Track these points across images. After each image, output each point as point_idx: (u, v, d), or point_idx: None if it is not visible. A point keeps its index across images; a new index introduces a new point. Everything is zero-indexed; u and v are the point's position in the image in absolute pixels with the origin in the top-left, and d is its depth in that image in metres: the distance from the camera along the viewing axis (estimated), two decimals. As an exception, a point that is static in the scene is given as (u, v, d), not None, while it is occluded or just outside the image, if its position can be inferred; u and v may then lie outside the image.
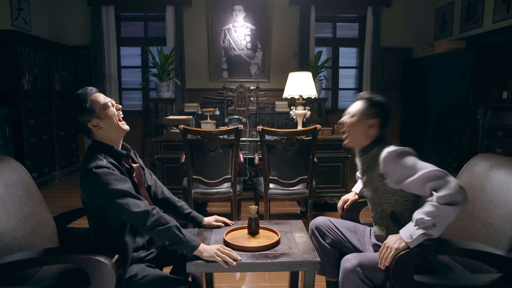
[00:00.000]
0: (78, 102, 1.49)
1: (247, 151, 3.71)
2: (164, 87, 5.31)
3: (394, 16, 5.81)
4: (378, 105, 1.64)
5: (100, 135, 1.53)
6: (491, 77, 4.16)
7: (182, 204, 1.84)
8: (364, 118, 1.63)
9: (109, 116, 1.51)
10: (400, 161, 1.49)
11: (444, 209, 1.35)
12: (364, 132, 1.64)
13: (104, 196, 1.41)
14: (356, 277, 1.51)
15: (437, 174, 1.40)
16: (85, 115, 1.49)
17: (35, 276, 1.59)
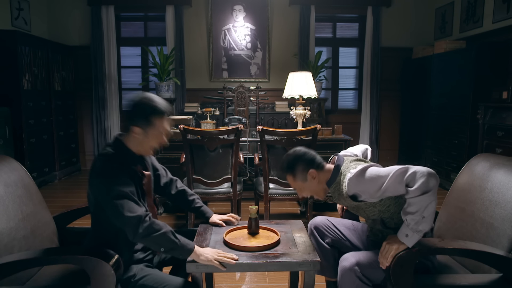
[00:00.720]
0: (149, 107, 1.46)
1: (247, 151, 3.71)
2: (164, 87, 5.30)
3: (394, 16, 5.80)
4: (295, 165, 1.63)
5: (131, 139, 1.52)
6: (491, 77, 4.16)
7: (195, 197, 1.87)
8: (303, 181, 1.64)
9: (152, 140, 1.51)
10: (364, 178, 1.49)
11: (422, 199, 1.38)
12: (317, 184, 1.64)
13: (103, 195, 1.41)
14: (354, 276, 1.52)
15: (401, 171, 1.42)
16: (141, 119, 1.46)
17: (35, 276, 1.59)
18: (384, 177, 1.44)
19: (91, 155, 5.91)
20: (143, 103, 1.47)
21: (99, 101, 5.62)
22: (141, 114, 1.46)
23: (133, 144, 1.53)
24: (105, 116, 5.66)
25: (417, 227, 1.39)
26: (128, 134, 1.52)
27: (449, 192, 1.90)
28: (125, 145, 1.52)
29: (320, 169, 1.64)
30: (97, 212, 1.52)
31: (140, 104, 1.47)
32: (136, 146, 1.53)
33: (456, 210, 1.78)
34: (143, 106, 1.46)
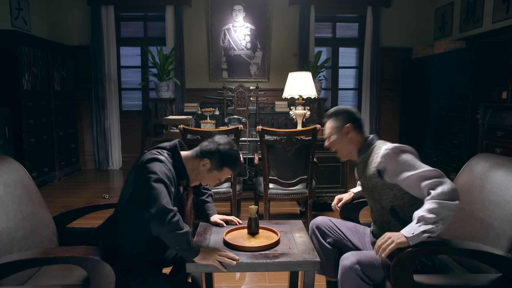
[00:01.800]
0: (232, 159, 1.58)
1: (247, 151, 3.71)
2: (164, 87, 5.30)
3: (394, 16, 5.81)
4: (340, 113, 1.74)
5: (192, 162, 1.58)
6: (491, 77, 4.16)
7: (209, 192, 1.93)
8: (337, 131, 1.72)
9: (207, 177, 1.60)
10: (399, 157, 1.53)
11: (445, 205, 1.37)
12: (346, 141, 1.72)
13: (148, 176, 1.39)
14: (355, 275, 1.52)
15: (434, 174, 1.45)
16: (217, 160, 1.56)
17: (34, 276, 1.59)
18: (416, 168, 1.48)
19: (90, 155, 5.91)
20: (231, 152, 1.58)
21: (98, 101, 5.62)
22: (221, 157, 1.56)
23: (190, 165, 1.59)
24: (104, 116, 5.66)
25: (427, 228, 1.36)
26: (193, 157, 1.59)
27: (449, 192, 1.89)
28: (181, 159, 1.57)
29: (358, 130, 1.72)
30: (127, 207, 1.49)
31: (226, 150, 1.57)
32: (191, 170, 1.59)
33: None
34: (229, 154, 1.58)
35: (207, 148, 1.57)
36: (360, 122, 1.73)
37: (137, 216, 1.46)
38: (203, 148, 1.58)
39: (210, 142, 1.59)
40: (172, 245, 1.43)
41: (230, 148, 1.59)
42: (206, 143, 1.60)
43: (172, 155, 1.55)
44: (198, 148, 1.60)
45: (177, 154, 1.57)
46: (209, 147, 1.57)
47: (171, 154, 1.55)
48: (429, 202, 1.40)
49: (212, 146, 1.57)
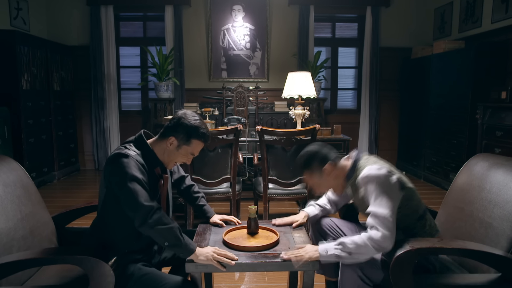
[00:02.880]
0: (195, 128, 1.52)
1: (246, 151, 3.71)
2: (163, 87, 5.30)
3: (393, 16, 5.81)
4: (311, 161, 1.64)
5: (160, 145, 1.56)
6: (490, 77, 4.16)
7: (200, 195, 1.90)
8: (319, 178, 1.65)
9: (179, 155, 1.56)
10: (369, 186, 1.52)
11: (368, 247, 1.42)
12: (333, 179, 1.66)
13: (120, 178, 1.40)
14: (356, 276, 1.52)
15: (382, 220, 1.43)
16: (182, 134, 1.52)
17: (33, 276, 1.58)
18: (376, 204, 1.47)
19: (90, 155, 5.90)
20: (192, 122, 1.53)
21: (98, 101, 5.62)
22: (185, 129, 1.52)
23: (159, 149, 1.56)
24: (104, 116, 5.66)
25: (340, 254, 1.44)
26: (159, 140, 1.57)
27: (448, 192, 1.90)
28: (149, 146, 1.55)
29: (335, 164, 1.65)
30: (105, 206, 1.51)
31: (188, 122, 1.53)
32: (162, 154, 1.57)
33: (455, 210, 1.78)
34: (190, 124, 1.52)
35: (170, 125, 1.54)
36: (330, 155, 1.65)
37: (118, 213, 1.47)
38: (166, 126, 1.56)
39: (171, 119, 1.56)
40: (160, 243, 1.45)
41: (193, 118, 1.54)
42: (168, 122, 1.57)
43: (140, 146, 1.54)
44: (162, 129, 1.58)
45: (143, 143, 1.55)
46: (171, 124, 1.54)
47: (138, 145, 1.54)
48: (360, 236, 1.44)
49: (174, 121, 1.54)
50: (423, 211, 1.61)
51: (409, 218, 1.57)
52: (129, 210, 1.42)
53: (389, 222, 1.43)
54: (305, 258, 1.45)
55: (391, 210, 1.45)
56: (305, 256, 1.45)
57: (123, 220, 1.48)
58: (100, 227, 1.55)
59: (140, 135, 1.58)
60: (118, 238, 1.52)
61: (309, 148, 1.69)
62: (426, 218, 1.62)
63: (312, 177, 1.67)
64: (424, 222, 1.61)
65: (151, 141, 1.59)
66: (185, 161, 1.61)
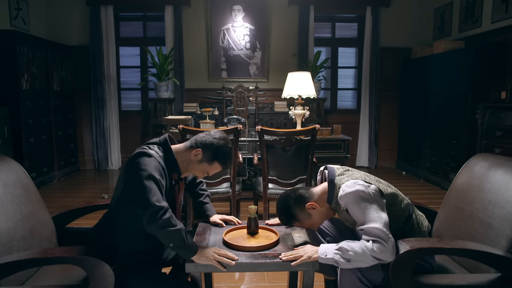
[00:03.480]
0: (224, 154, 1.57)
1: (246, 151, 3.71)
2: (163, 87, 5.30)
3: (393, 16, 5.81)
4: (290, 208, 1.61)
5: (183, 153, 1.57)
6: (490, 77, 4.16)
7: (206, 193, 1.92)
8: (307, 219, 1.62)
9: (198, 169, 1.59)
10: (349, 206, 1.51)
11: (368, 257, 1.40)
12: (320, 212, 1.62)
13: (138, 174, 1.40)
14: (355, 277, 1.52)
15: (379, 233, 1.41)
16: (210, 153, 1.55)
17: (33, 276, 1.58)
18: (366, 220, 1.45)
19: (90, 155, 5.90)
20: (224, 148, 1.57)
21: (98, 101, 5.62)
22: (214, 151, 1.55)
23: (181, 157, 1.58)
24: (104, 116, 5.66)
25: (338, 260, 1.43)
26: (184, 148, 1.58)
27: (448, 192, 1.90)
28: (172, 152, 1.56)
29: (313, 196, 1.62)
30: (119, 203, 1.50)
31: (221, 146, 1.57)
32: (182, 162, 1.58)
33: (455, 210, 1.78)
34: (222, 149, 1.56)
35: (202, 139, 1.57)
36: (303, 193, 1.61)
37: (130, 213, 1.46)
38: (198, 139, 1.58)
39: (206, 135, 1.59)
40: (166, 243, 1.44)
41: (225, 144, 1.58)
42: (203, 135, 1.60)
43: (163, 149, 1.56)
44: (193, 139, 1.60)
45: (167, 147, 1.56)
46: (204, 139, 1.57)
47: (162, 148, 1.56)
48: (360, 244, 1.42)
49: (207, 138, 1.57)
50: (408, 213, 1.60)
51: (395, 224, 1.56)
52: (140, 207, 1.40)
53: (385, 234, 1.41)
54: (304, 258, 1.45)
55: (382, 221, 1.43)
56: (304, 256, 1.45)
57: (134, 220, 1.46)
58: (108, 225, 1.55)
59: (165, 139, 1.59)
60: (126, 238, 1.51)
61: (281, 204, 1.64)
62: (412, 219, 1.60)
63: (304, 222, 1.63)
64: (411, 223, 1.60)
65: (174, 147, 1.59)
66: (199, 176, 1.64)
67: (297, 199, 1.61)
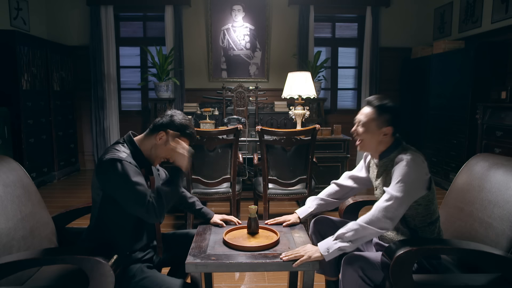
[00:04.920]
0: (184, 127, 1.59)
1: (246, 151, 3.71)
2: (163, 87, 5.30)
3: (393, 16, 5.81)
4: (389, 112, 1.61)
5: (147, 141, 1.59)
6: (490, 77, 4.16)
7: (194, 200, 1.91)
8: (376, 127, 1.61)
9: (166, 150, 1.58)
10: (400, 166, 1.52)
11: (366, 228, 1.44)
12: (378, 141, 1.63)
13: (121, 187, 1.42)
14: (357, 276, 1.52)
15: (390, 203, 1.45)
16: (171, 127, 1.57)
17: (33, 276, 1.58)
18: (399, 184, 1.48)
19: (90, 155, 5.90)
20: (182, 121, 1.60)
21: (98, 101, 5.62)
22: (174, 126, 1.58)
23: (147, 146, 1.59)
24: (104, 116, 5.66)
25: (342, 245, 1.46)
26: (147, 136, 1.60)
27: (448, 192, 1.90)
28: (138, 147, 1.58)
29: (394, 132, 1.63)
30: (103, 209, 1.51)
31: (178, 120, 1.59)
32: (148, 150, 1.59)
33: (455, 210, 1.78)
34: (180, 122, 1.59)
35: (160, 121, 1.59)
36: (400, 128, 1.63)
37: (116, 214, 1.50)
38: (156, 122, 1.60)
39: (160, 117, 1.61)
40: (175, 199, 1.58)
41: (183, 117, 1.62)
42: (158, 119, 1.62)
43: (129, 145, 1.57)
44: (151, 125, 1.62)
45: (132, 143, 1.58)
46: (161, 121, 1.59)
47: (127, 145, 1.57)
48: (355, 222, 1.47)
49: (164, 119, 1.60)
50: (436, 218, 1.61)
51: (421, 220, 1.57)
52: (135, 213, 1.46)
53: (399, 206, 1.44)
54: (304, 258, 1.45)
55: (402, 203, 1.46)
56: (305, 256, 1.45)
57: (122, 220, 1.49)
58: (98, 229, 1.55)
59: (129, 135, 1.61)
60: (118, 239, 1.52)
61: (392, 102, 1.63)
62: (436, 226, 1.62)
63: (371, 120, 1.61)
64: (433, 228, 1.61)
65: (138, 139, 1.61)
66: (165, 158, 1.63)
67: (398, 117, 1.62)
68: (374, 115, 1.61)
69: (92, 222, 1.58)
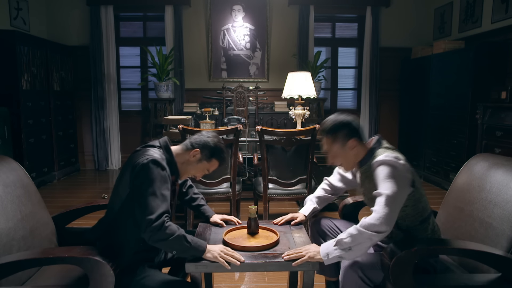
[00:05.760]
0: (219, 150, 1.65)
1: (246, 151, 3.71)
2: (163, 87, 5.30)
3: (393, 16, 5.81)
4: (341, 128, 1.61)
5: (183, 155, 1.63)
6: (490, 77, 4.16)
7: (200, 196, 1.93)
8: (340, 148, 1.61)
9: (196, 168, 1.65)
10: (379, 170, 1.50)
11: (364, 233, 1.41)
12: (353, 155, 1.63)
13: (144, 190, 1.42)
14: (356, 276, 1.52)
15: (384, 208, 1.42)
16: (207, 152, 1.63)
17: (33, 276, 1.58)
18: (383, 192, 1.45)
19: (90, 155, 5.90)
20: (219, 145, 1.67)
21: (98, 101, 5.62)
22: (211, 149, 1.64)
23: (180, 159, 1.63)
24: (104, 116, 5.66)
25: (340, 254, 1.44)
26: (184, 150, 1.64)
27: (448, 192, 1.90)
28: (173, 157, 1.61)
29: (361, 141, 1.63)
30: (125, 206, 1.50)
31: (216, 143, 1.66)
32: (181, 163, 1.63)
33: (455, 210, 1.78)
34: (218, 146, 1.66)
35: (198, 140, 1.65)
36: (361, 132, 1.63)
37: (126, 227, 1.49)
38: (194, 140, 1.66)
39: (200, 135, 1.67)
40: (169, 252, 1.51)
41: (219, 141, 1.68)
42: (196, 136, 1.67)
43: (165, 152, 1.59)
44: (187, 141, 1.66)
45: (169, 151, 1.61)
46: (199, 139, 1.65)
47: (163, 151, 1.59)
48: (354, 226, 1.44)
49: (202, 138, 1.65)
50: (427, 215, 1.60)
51: (411, 219, 1.57)
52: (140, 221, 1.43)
53: (391, 204, 1.42)
54: (305, 258, 1.44)
55: (394, 204, 1.43)
56: (306, 256, 1.45)
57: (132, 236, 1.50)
58: (111, 228, 1.54)
59: (165, 142, 1.63)
60: (132, 239, 1.51)
61: (341, 117, 1.63)
62: (429, 222, 1.61)
63: (332, 145, 1.62)
64: (426, 225, 1.60)
65: (174, 150, 1.63)
66: (199, 175, 1.70)
67: (355, 128, 1.61)
68: (330, 140, 1.63)
69: (108, 218, 1.57)
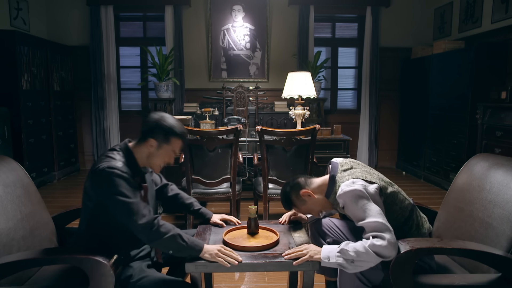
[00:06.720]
0: (170, 126, 1.54)
1: (246, 151, 3.71)
2: (163, 87, 5.30)
3: (393, 16, 5.81)
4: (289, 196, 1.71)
5: (141, 150, 1.55)
6: (490, 77, 4.16)
7: (192, 201, 1.89)
8: (304, 204, 1.69)
9: (162, 156, 1.57)
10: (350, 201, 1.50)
11: (370, 254, 1.39)
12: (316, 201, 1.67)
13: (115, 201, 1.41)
14: (354, 277, 1.52)
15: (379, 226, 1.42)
16: (160, 134, 1.53)
17: (33, 276, 1.58)
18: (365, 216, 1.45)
19: (90, 155, 5.90)
20: (165, 121, 1.55)
21: (98, 101, 5.62)
22: (161, 129, 1.53)
23: (141, 155, 1.56)
24: (104, 116, 5.66)
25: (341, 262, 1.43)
26: (140, 144, 1.56)
27: (448, 192, 1.90)
28: (133, 156, 1.55)
29: (310, 185, 1.68)
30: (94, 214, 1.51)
31: (162, 121, 1.54)
32: (143, 158, 1.56)
33: (455, 210, 1.78)
34: (164, 123, 1.54)
35: (147, 127, 1.55)
36: (301, 180, 1.69)
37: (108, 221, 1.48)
38: (144, 129, 1.56)
39: (147, 121, 1.56)
40: (165, 251, 1.48)
41: (167, 117, 1.57)
42: (144, 124, 1.57)
43: (124, 154, 1.53)
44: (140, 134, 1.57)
45: (129, 152, 1.54)
46: (148, 126, 1.55)
47: (123, 153, 1.53)
48: (361, 243, 1.42)
49: (150, 123, 1.54)
50: (408, 213, 1.60)
51: (393, 223, 1.55)
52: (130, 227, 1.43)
53: (386, 226, 1.42)
54: (305, 257, 1.44)
55: (382, 217, 1.44)
56: (306, 256, 1.45)
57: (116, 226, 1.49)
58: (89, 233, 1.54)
59: (124, 143, 1.58)
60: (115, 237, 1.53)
61: (282, 189, 1.77)
62: (412, 219, 1.61)
63: (300, 208, 1.73)
64: (411, 223, 1.61)
65: (132, 148, 1.56)
66: (169, 160, 1.60)
67: (294, 185, 1.70)
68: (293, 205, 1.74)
69: (83, 227, 1.55)
